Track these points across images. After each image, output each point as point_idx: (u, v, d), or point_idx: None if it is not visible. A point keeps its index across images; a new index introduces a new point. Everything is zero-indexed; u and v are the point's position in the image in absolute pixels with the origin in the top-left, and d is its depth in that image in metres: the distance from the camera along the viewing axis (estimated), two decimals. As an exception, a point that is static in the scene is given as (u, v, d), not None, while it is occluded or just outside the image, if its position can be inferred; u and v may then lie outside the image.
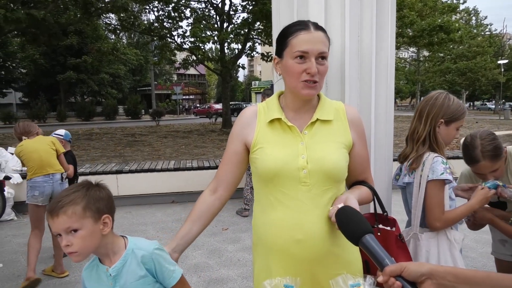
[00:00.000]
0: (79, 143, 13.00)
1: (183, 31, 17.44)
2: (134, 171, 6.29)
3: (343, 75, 1.61)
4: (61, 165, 3.87)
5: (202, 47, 16.43)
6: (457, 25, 23.03)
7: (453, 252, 1.65)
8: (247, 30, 16.41)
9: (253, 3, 15.47)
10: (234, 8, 17.16)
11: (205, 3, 17.31)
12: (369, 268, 1.39)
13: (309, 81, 1.22)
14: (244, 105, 35.66)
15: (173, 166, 6.48)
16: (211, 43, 16.73)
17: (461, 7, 28.40)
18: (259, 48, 20.57)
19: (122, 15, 15.52)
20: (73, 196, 1.18)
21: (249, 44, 17.69)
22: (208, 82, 71.90)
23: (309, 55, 1.20)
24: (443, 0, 24.56)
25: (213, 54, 21.54)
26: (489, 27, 38.86)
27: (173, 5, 16.19)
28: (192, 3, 17.13)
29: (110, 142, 13.47)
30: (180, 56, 20.77)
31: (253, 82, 58.38)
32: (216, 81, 68.23)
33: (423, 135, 1.70)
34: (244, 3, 16.54)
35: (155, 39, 18.44)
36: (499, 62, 34.72)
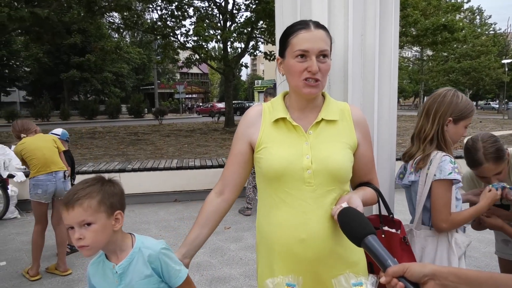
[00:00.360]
0: (82, 141, 13.05)
1: (186, 30, 17.40)
2: (137, 169, 6.30)
3: (346, 74, 1.61)
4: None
5: (205, 46, 16.44)
6: (461, 24, 22.89)
7: (451, 257, 1.60)
8: (250, 29, 16.41)
9: (256, 2, 15.45)
10: (237, 7, 17.17)
11: (208, 2, 17.31)
12: (374, 270, 1.37)
13: (310, 80, 1.21)
14: (247, 104, 35.66)
15: (175, 165, 6.49)
16: (214, 42, 16.78)
17: (465, 6, 28.26)
18: (262, 47, 20.51)
19: (125, 13, 15.56)
20: (89, 190, 1.18)
21: (252, 43, 17.71)
22: (211, 81, 71.96)
23: (310, 54, 1.20)
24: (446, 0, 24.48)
25: (216, 53, 21.57)
26: (493, 26, 38.68)
27: (176, 4, 16.21)
28: (195, 2, 17.21)
29: (113, 140, 13.50)
30: (183, 55, 20.78)
31: (256, 81, 58.35)
32: (219, 80, 68.33)
33: (430, 133, 1.65)
34: (247, 2, 16.55)
35: (158, 38, 18.47)
36: (503, 61, 34.52)
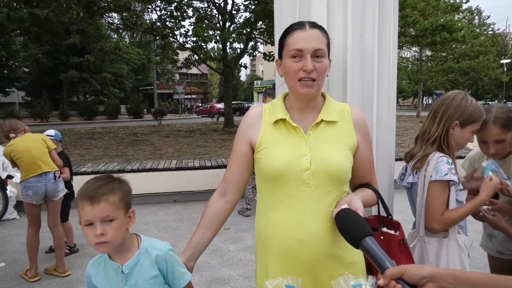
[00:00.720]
0: (81, 142, 13.03)
1: (185, 31, 17.44)
2: (136, 170, 6.30)
3: (345, 74, 1.61)
4: (53, 162, 3.81)
5: (204, 47, 16.43)
6: (460, 24, 22.91)
7: (463, 258, 1.59)
8: (249, 30, 16.39)
9: (256, 2, 15.45)
10: (236, 7, 17.15)
11: (207, 2, 17.30)
12: (372, 272, 1.36)
13: (306, 79, 1.20)
14: (246, 105, 35.67)
15: (175, 166, 6.49)
16: (213, 42, 16.76)
17: (464, 6, 28.26)
18: (261, 48, 20.55)
19: (124, 14, 15.53)
20: (111, 186, 1.16)
21: (251, 44, 17.68)
22: (210, 81, 71.95)
23: (304, 53, 1.20)
24: (445, 0, 24.48)
25: (215, 54, 21.54)
26: (492, 26, 38.73)
27: (175, 4, 16.19)
28: (195, 2, 17.13)
29: (112, 141, 13.48)
30: (182, 56, 20.75)
31: (255, 82, 58.25)
32: (218, 80, 68.29)
33: (434, 135, 1.63)
34: (247, 2, 16.54)
35: (157, 38, 18.43)
36: (502, 61, 34.61)
